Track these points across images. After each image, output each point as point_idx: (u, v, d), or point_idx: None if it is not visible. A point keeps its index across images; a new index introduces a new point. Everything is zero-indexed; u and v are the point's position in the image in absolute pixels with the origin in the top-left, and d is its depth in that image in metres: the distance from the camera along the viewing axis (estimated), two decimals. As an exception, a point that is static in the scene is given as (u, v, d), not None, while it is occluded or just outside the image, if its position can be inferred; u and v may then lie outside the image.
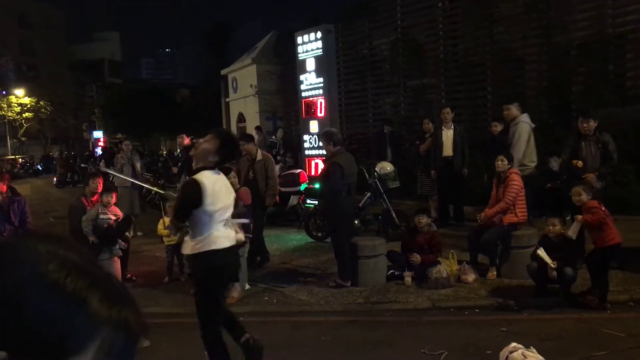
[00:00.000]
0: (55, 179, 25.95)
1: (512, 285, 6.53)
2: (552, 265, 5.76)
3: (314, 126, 9.85)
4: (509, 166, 7.00)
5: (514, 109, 8.33)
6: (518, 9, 12.68)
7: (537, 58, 12.79)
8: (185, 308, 5.86)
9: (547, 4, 12.21)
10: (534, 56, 12.86)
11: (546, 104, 11.81)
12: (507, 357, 3.72)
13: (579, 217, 5.90)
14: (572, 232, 5.86)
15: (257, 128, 19.82)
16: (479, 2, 13.43)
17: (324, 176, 7.15)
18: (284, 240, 9.67)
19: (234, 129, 24.91)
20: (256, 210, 7.45)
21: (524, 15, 12.59)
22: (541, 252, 5.87)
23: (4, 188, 7.48)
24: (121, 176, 9.45)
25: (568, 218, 7.72)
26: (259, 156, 8.13)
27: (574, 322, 5.40)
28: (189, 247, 4.14)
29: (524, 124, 8.16)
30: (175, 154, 13.58)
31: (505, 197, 6.86)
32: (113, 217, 7.31)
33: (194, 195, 3.97)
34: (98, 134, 45.44)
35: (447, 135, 9.82)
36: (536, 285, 6.09)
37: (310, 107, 9.83)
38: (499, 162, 7.02)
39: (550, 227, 6.07)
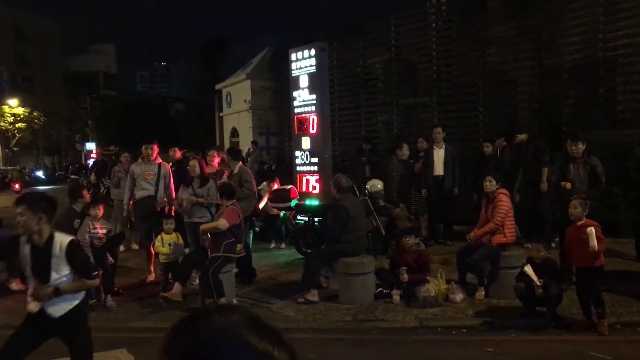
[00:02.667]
0: None
1: (500, 306, 6.53)
2: (538, 283, 5.79)
3: (306, 142, 9.87)
4: (497, 187, 7.04)
5: None
6: (510, 31, 12.83)
7: (529, 80, 12.92)
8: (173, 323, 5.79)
9: (539, 27, 12.36)
10: (525, 78, 12.99)
11: (537, 125, 11.89)
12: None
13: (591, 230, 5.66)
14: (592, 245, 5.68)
15: (254, 142, 19.89)
16: (471, 23, 13.59)
17: (331, 216, 7.33)
18: (273, 256, 9.65)
19: (227, 143, 24.95)
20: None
21: (516, 38, 12.74)
22: (528, 269, 5.91)
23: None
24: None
25: (555, 241, 7.77)
26: (236, 170, 8.30)
27: (561, 344, 5.41)
28: None
29: None
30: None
31: (494, 218, 6.89)
32: (102, 231, 7.29)
33: None
34: (91, 146, 45.35)
35: (439, 154, 9.88)
36: (524, 306, 6.10)
37: (303, 123, 9.85)
38: (487, 183, 7.07)
39: (535, 252, 6.11)
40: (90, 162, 35.14)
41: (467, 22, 13.69)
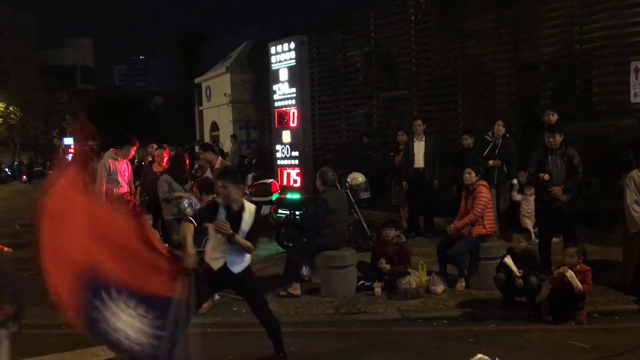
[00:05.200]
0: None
1: (480, 297, 6.60)
2: (518, 274, 5.87)
3: (286, 136, 9.87)
4: (477, 178, 7.10)
5: None
6: (488, 24, 12.92)
7: (507, 72, 13.04)
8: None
9: (517, 19, 12.46)
10: (503, 70, 13.10)
11: (515, 117, 12.02)
12: (472, 368, 3.75)
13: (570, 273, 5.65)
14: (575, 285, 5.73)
15: (233, 136, 19.80)
16: (450, 16, 13.65)
17: (311, 209, 7.32)
18: (255, 250, 9.61)
19: (207, 137, 24.81)
20: None
21: (493, 30, 12.83)
22: (508, 259, 5.99)
23: None
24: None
25: (535, 231, 7.88)
26: (218, 164, 8.25)
27: (540, 333, 5.48)
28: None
29: None
30: (145, 163, 13.41)
31: (473, 209, 6.96)
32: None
33: None
34: (69, 141, 44.72)
35: (419, 147, 9.92)
36: (503, 296, 6.18)
37: (283, 117, 9.84)
38: (467, 175, 7.13)
39: (516, 243, 6.18)
40: (69, 157, 34.68)
41: (446, 15, 13.75)
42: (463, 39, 13.55)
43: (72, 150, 40.21)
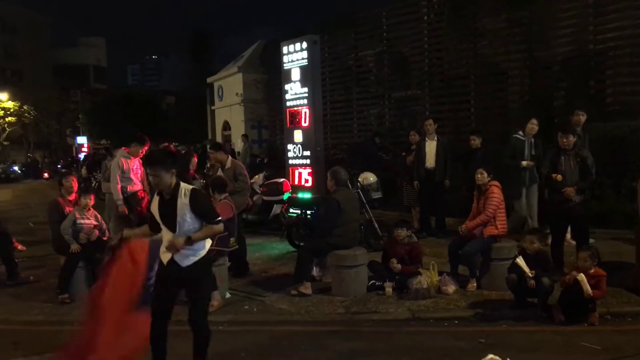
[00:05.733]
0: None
1: (491, 297, 6.57)
2: (530, 275, 5.84)
3: (298, 135, 9.86)
4: (489, 179, 7.07)
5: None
6: (501, 23, 12.84)
7: (520, 72, 12.95)
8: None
9: (530, 19, 12.38)
10: (516, 70, 13.02)
11: (528, 118, 11.93)
12: (483, 368, 3.74)
13: (582, 276, 5.60)
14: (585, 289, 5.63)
15: (244, 136, 19.87)
16: (462, 16, 13.59)
17: (322, 209, 7.31)
18: (266, 249, 9.65)
19: (219, 136, 24.91)
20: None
21: (507, 30, 12.76)
22: (520, 260, 5.95)
23: None
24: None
25: (547, 232, 7.83)
26: (228, 164, 8.27)
27: (552, 335, 5.45)
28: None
29: None
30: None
31: (485, 210, 6.93)
32: (94, 222, 7.28)
33: None
34: (82, 140, 45.07)
35: (430, 146, 9.91)
36: (515, 297, 6.14)
37: (295, 116, 9.84)
38: (479, 175, 7.10)
39: (528, 244, 6.15)
40: (82, 156, 35.03)
41: (459, 15, 13.69)
42: (476, 38, 13.49)
43: (84, 149, 40.61)
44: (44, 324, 6.37)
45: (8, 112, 43.69)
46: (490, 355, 3.85)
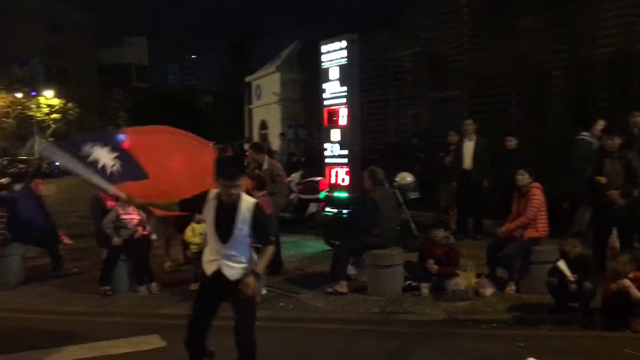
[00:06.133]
0: None
1: (530, 301, 6.46)
2: (572, 279, 5.71)
3: (335, 135, 9.88)
4: (530, 180, 6.94)
5: None
6: (543, 23, 12.59)
7: (562, 73, 12.67)
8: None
9: (573, 18, 12.10)
10: (558, 71, 12.74)
11: (570, 119, 11.68)
12: (522, 371, 3.68)
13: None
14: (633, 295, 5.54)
15: (281, 135, 19.99)
16: (503, 15, 13.37)
17: (358, 207, 7.29)
18: (302, 247, 9.69)
19: (256, 135, 25.11)
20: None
21: (548, 30, 12.50)
22: (561, 264, 5.84)
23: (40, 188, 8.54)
24: None
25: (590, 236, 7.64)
26: (266, 165, 8.33)
27: (593, 340, 5.33)
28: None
29: None
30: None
31: (526, 212, 6.80)
32: (136, 217, 7.44)
33: None
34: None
35: (468, 147, 9.80)
36: (555, 301, 6.02)
37: (332, 115, 9.86)
38: (520, 176, 6.97)
39: (570, 248, 6.01)
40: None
41: (499, 14, 13.48)
42: (516, 38, 13.25)
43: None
44: (86, 315, 6.55)
45: (53, 110, 44.97)
46: (530, 359, 3.77)
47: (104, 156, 5.03)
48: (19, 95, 43.53)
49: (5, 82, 42.63)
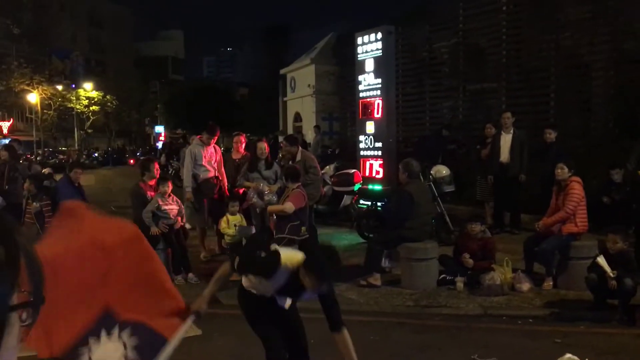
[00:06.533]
0: None
1: (568, 297, 6.34)
2: (612, 275, 5.58)
3: (370, 127, 9.83)
4: (569, 174, 6.79)
5: None
6: (585, 14, 12.28)
7: (604, 65, 12.34)
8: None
9: (617, 9, 11.76)
10: (600, 63, 12.42)
11: (613, 112, 11.39)
12: (560, 367, 3.62)
13: None
14: None
15: (316, 127, 20.02)
16: (544, 6, 13.09)
17: (393, 200, 7.25)
18: (336, 240, 9.68)
19: (290, 128, 25.21)
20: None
21: (591, 21, 12.19)
22: (601, 259, 5.70)
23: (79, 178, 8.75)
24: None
25: (631, 232, 7.45)
26: (299, 156, 8.32)
27: (634, 338, 5.20)
28: None
29: None
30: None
31: (565, 206, 6.66)
32: (175, 208, 7.56)
33: None
34: (160, 129, 46.79)
35: (505, 140, 9.63)
36: (594, 297, 5.89)
37: (367, 107, 9.81)
38: (559, 170, 6.83)
39: (611, 244, 5.86)
40: (159, 144, 36.41)
41: (539, 5, 13.20)
42: (557, 29, 12.95)
43: (162, 138, 42.21)
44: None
45: (92, 102, 45.95)
46: (568, 355, 3.71)
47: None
48: (59, 87, 44.59)
49: (46, 75, 43.71)
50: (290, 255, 3.44)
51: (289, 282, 3.47)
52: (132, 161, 37.09)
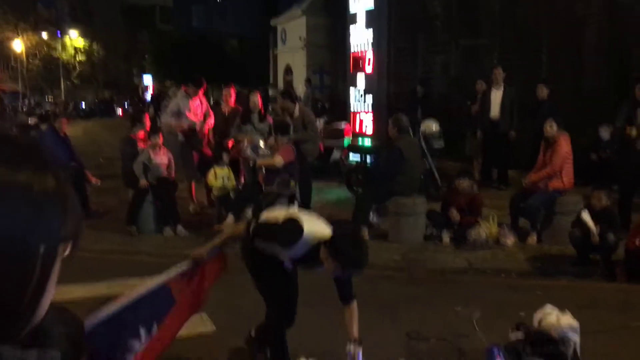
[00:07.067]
0: None
1: (552, 252, 6.47)
2: (595, 231, 5.69)
3: (361, 81, 9.77)
4: (558, 131, 6.82)
5: None
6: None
7: (597, 19, 12.20)
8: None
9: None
10: (594, 17, 12.27)
11: (605, 69, 11.34)
12: (541, 319, 3.72)
13: None
14: None
15: (307, 81, 19.79)
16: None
17: (382, 155, 7.25)
18: (324, 194, 9.75)
19: (280, 81, 24.94)
20: (301, 166, 7.44)
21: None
22: (585, 215, 5.79)
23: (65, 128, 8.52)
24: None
25: (615, 189, 7.55)
26: (297, 112, 8.18)
27: (613, 292, 5.34)
28: None
29: None
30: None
31: (552, 162, 6.72)
32: (166, 161, 7.55)
33: None
34: (148, 80, 46.10)
35: (496, 95, 9.61)
36: (577, 252, 6.01)
37: (358, 61, 9.72)
38: (548, 127, 6.86)
39: (596, 200, 5.95)
40: (148, 95, 35.97)
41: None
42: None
43: (150, 90, 41.70)
44: (113, 253, 6.74)
45: (78, 51, 45.07)
46: (549, 307, 3.81)
47: None
48: (45, 35, 43.63)
49: (31, 22, 42.68)
50: (317, 229, 3.28)
51: (306, 255, 3.34)
52: (121, 113, 36.74)
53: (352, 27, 9.80)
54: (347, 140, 10.23)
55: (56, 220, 0.76)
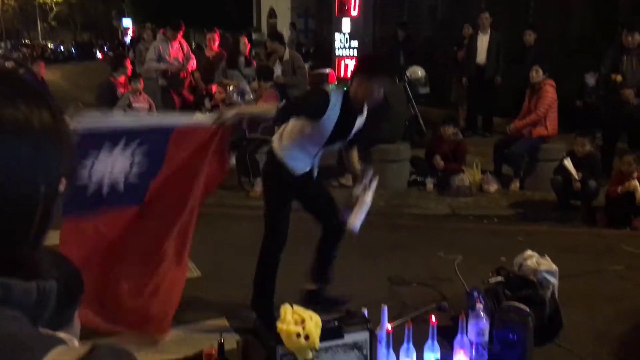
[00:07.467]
0: None
1: (534, 198, 6.54)
2: (577, 177, 5.74)
3: (346, 25, 9.57)
4: (544, 77, 6.78)
5: None
6: None
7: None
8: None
9: None
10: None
11: (592, 14, 11.20)
12: (521, 263, 3.78)
13: None
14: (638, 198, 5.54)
15: (292, 24, 19.37)
16: None
17: None
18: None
19: (264, 25, 24.40)
20: None
21: None
22: (568, 162, 5.84)
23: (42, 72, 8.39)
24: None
25: (599, 135, 7.59)
26: (286, 55, 8.02)
27: (593, 237, 5.44)
28: None
29: None
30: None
31: (537, 109, 6.72)
32: (147, 106, 7.42)
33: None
34: (127, 23, 44.81)
35: (482, 41, 9.48)
36: (558, 199, 6.09)
37: (344, 4, 9.49)
38: (534, 73, 6.81)
39: (579, 147, 5.98)
40: (127, 39, 35.08)
41: None
42: None
43: (130, 32, 40.65)
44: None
45: (55, -8, 43.63)
46: (529, 251, 3.87)
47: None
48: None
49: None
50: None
51: (338, 123, 3.57)
52: (101, 56, 35.91)
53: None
54: (332, 86, 10.10)
55: (55, 157, 0.74)
